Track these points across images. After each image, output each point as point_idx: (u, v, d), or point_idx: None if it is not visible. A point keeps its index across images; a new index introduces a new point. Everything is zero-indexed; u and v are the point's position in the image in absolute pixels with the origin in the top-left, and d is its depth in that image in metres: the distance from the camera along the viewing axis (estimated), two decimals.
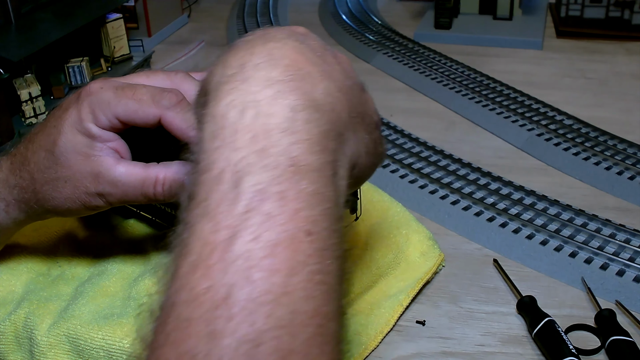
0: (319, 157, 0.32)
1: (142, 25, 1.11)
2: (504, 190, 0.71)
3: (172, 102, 0.47)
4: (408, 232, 0.61)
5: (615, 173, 0.73)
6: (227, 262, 0.28)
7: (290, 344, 0.26)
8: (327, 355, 0.28)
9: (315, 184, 0.31)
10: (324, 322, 0.28)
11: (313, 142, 0.32)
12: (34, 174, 0.49)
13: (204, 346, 0.26)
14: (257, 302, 0.27)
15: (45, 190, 0.49)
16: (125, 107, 0.47)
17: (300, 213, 0.29)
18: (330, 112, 0.34)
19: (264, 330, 0.26)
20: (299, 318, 0.27)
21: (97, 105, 0.47)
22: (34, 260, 0.59)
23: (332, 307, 0.29)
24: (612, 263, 0.60)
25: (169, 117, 0.47)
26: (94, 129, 0.47)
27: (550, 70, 1.01)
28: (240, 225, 0.29)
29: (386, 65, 1.04)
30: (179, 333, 0.27)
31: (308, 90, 0.33)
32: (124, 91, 0.47)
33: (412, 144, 0.80)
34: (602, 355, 0.52)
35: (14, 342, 0.53)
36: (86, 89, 0.48)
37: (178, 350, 0.26)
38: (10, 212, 0.51)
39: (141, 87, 0.48)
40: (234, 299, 0.27)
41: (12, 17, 0.84)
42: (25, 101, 0.83)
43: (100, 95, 0.48)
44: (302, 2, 1.34)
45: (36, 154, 0.49)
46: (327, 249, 0.30)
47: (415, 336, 0.54)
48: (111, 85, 0.48)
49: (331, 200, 0.31)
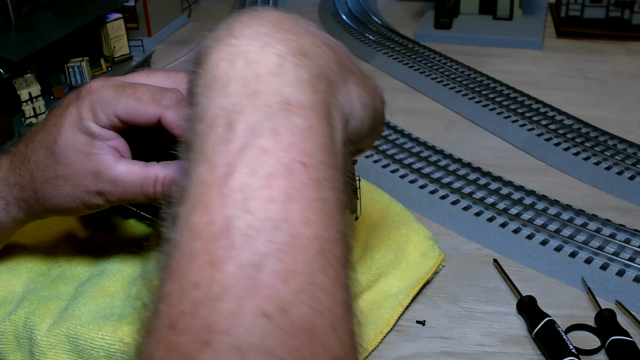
0: (311, 97, 0.33)
1: (142, 25, 1.11)
2: (504, 190, 0.71)
3: (172, 102, 0.47)
4: (408, 232, 0.61)
5: (615, 173, 0.73)
6: (225, 196, 0.28)
7: (292, 266, 0.27)
8: (330, 276, 0.28)
9: (308, 120, 0.31)
10: (325, 245, 0.28)
11: (303, 83, 0.33)
12: (34, 173, 0.49)
13: (207, 274, 0.26)
14: (256, 229, 0.27)
15: (45, 188, 0.49)
16: (126, 106, 0.47)
17: (295, 146, 0.30)
18: (318, 59, 0.35)
19: (264, 254, 0.27)
20: (299, 241, 0.28)
21: (98, 103, 0.47)
22: (34, 260, 0.59)
23: (333, 233, 0.29)
24: (612, 263, 0.60)
25: (169, 117, 0.47)
26: (94, 127, 0.48)
27: (550, 70, 1.01)
28: (235, 161, 0.29)
29: (386, 65, 1.04)
30: (181, 267, 0.27)
31: (295, 41, 0.35)
32: (124, 90, 0.48)
33: (412, 144, 0.80)
34: (602, 355, 0.52)
35: (14, 342, 0.53)
36: (86, 88, 0.48)
37: (181, 283, 0.27)
38: (10, 210, 0.51)
39: (142, 86, 0.48)
40: (234, 229, 0.27)
41: (12, 17, 0.84)
42: (25, 101, 0.83)
43: (100, 93, 0.48)
44: (302, 2, 1.34)
45: (36, 152, 0.49)
46: (325, 179, 0.30)
47: (415, 336, 0.54)
48: (111, 84, 0.48)
49: (326, 136, 0.32)
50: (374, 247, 0.59)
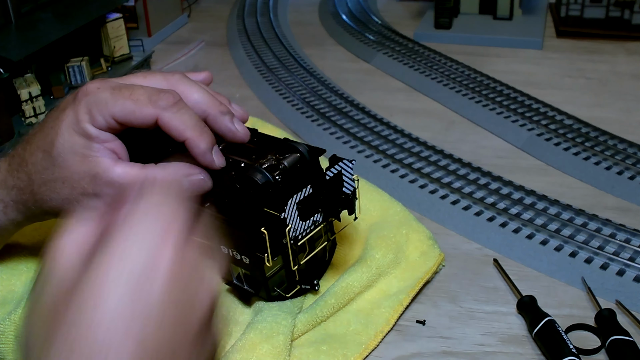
0: None
1: (142, 25, 1.11)
2: (504, 190, 0.71)
3: (169, 103, 0.47)
4: (408, 232, 0.61)
5: (615, 173, 0.73)
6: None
7: None
8: None
9: None
10: None
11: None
12: (32, 175, 0.49)
13: None
14: None
15: (43, 191, 0.49)
16: (122, 107, 0.47)
17: None
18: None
19: None
20: None
21: (94, 105, 0.47)
22: (34, 260, 0.59)
23: None
24: (612, 263, 0.60)
25: (166, 118, 0.47)
26: (91, 129, 0.47)
27: (550, 70, 1.01)
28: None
29: (386, 65, 1.04)
30: None
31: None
32: (120, 91, 0.47)
33: (412, 144, 0.80)
34: (602, 355, 0.52)
35: (14, 342, 0.53)
36: (83, 90, 0.48)
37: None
38: (9, 213, 0.51)
39: (138, 87, 0.48)
40: None
41: (12, 17, 0.84)
42: (25, 101, 0.83)
43: (97, 95, 0.47)
44: (302, 2, 1.34)
45: (34, 155, 0.49)
46: None
47: (416, 336, 0.54)
48: (108, 86, 0.48)
49: None
50: (374, 246, 0.59)
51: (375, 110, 0.89)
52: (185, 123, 0.47)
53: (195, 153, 0.48)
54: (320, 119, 0.87)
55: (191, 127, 0.47)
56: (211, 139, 0.49)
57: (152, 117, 0.47)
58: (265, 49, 1.10)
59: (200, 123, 0.48)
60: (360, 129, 0.84)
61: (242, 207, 0.50)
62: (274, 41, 1.13)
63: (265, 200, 0.49)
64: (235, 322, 0.52)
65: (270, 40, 1.13)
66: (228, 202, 0.50)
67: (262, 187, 0.48)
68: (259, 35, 1.15)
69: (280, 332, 0.50)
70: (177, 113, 0.47)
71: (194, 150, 0.48)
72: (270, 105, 0.93)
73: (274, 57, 1.06)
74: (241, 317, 0.53)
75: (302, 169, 0.51)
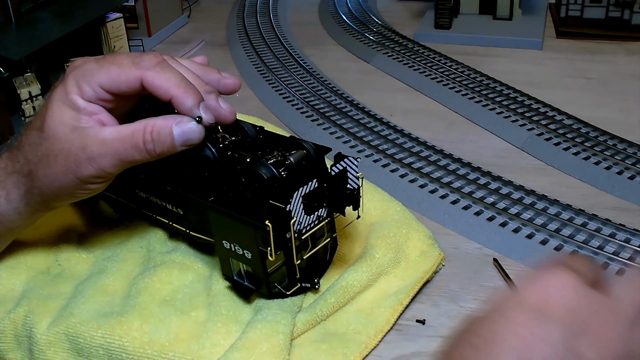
0: None
1: (142, 25, 1.12)
2: (504, 189, 0.71)
3: (152, 63, 0.48)
4: (408, 231, 0.61)
5: (615, 173, 0.73)
6: None
7: None
8: None
9: None
10: None
11: None
12: (28, 155, 0.50)
13: None
14: None
15: (39, 168, 0.50)
16: (108, 73, 0.48)
17: None
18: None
19: None
20: None
21: (82, 76, 0.49)
22: (33, 259, 0.59)
23: None
24: (612, 263, 0.60)
25: (150, 77, 0.48)
26: (79, 101, 0.49)
27: (550, 70, 1.01)
28: None
29: (386, 65, 1.04)
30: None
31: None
32: (105, 59, 0.49)
33: (412, 144, 0.80)
34: None
35: (13, 341, 0.53)
36: (71, 66, 0.50)
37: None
38: (12, 201, 0.52)
39: (122, 54, 0.50)
40: None
41: (12, 17, 0.84)
42: (25, 100, 0.83)
43: (83, 66, 0.49)
44: (302, 2, 1.34)
45: (29, 136, 0.51)
46: None
47: (415, 335, 0.54)
48: (94, 58, 0.50)
49: None
50: (374, 246, 0.59)
51: (375, 110, 0.89)
52: (169, 80, 0.48)
53: (183, 110, 0.49)
54: (320, 119, 0.87)
55: (176, 85, 0.48)
56: (197, 95, 0.49)
57: (137, 78, 0.48)
58: (265, 49, 1.10)
59: (185, 80, 0.49)
60: (360, 129, 0.84)
61: (246, 201, 0.50)
62: (274, 41, 1.13)
63: (271, 194, 0.49)
64: (235, 321, 0.52)
65: (270, 40, 1.13)
66: (232, 196, 0.50)
67: (267, 181, 0.48)
68: (259, 35, 1.16)
69: (280, 331, 0.50)
70: (161, 72, 0.48)
71: (180, 107, 0.48)
72: (270, 105, 0.93)
73: (274, 57, 1.06)
74: (241, 316, 0.53)
75: (307, 166, 0.51)
